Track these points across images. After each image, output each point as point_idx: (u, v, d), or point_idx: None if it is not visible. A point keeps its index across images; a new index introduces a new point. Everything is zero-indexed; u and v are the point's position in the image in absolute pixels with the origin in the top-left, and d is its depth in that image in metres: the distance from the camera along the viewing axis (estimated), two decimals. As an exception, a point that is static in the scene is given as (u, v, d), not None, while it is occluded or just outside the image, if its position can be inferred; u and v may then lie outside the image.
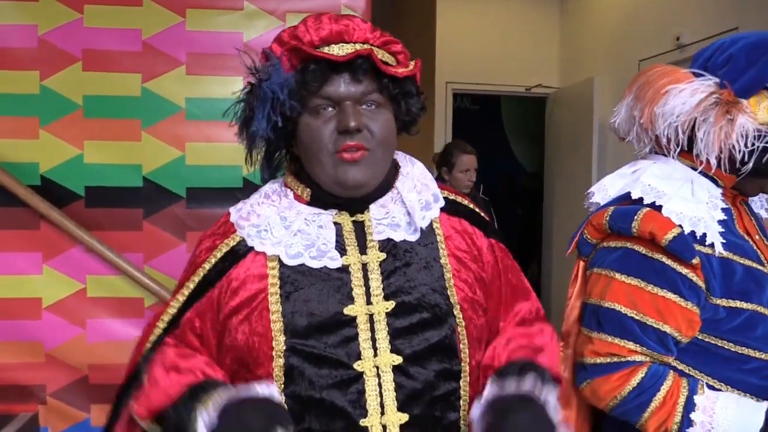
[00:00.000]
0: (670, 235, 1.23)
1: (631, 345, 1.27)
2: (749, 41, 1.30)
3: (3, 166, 2.22)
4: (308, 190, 1.11)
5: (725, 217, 1.30)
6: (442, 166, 3.61)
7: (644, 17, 4.32)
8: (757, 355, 1.27)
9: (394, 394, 1.01)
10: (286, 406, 0.97)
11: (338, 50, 1.03)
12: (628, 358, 1.28)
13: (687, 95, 1.27)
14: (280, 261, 1.06)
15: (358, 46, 1.04)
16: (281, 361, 1.01)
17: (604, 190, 1.42)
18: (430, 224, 1.13)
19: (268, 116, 1.03)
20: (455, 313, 1.07)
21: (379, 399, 1.01)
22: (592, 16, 5.09)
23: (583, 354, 1.34)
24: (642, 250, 1.28)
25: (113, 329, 2.30)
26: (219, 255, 1.10)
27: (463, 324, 1.08)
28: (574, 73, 5.36)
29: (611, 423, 1.38)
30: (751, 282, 1.27)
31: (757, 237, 1.37)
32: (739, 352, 1.27)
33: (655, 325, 1.26)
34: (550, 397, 1.01)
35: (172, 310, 1.13)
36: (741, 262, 1.28)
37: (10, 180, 2.21)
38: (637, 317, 1.27)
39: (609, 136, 4.75)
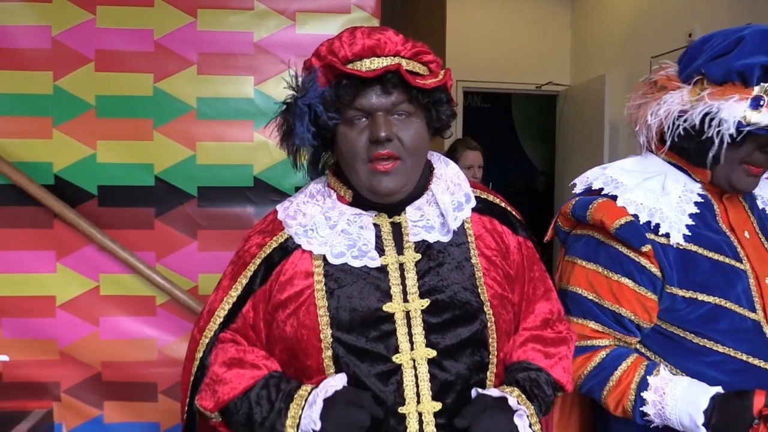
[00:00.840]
0: (617, 223, 1.31)
1: (592, 324, 1.36)
2: (710, 34, 1.37)
3: (17, 165, 2.25)
4: (350, 191, 1.20)
5: (698, 211, 1.35)
6: None
7: (656, 13, 4.29)
8: (719, 348, 1.30)
9: (429, 384, 1.10)
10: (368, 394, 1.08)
11: (369, 64, 1.11)
12: (594, 342, 1.36)
13: (676, 98, 1.34)
14: (324, 259, 1.15)
15: (389, 60, 1.11)
16: (329, 351, 1.10)
17: (586, 181, 1.48)
18: (462, 224, 1.20)
19: (308, 127, 1.11)
20: (485, 310, 1.16)
21: (415, 389, 1.10)
22: (603, 12, 5.06)
23: None
24: (599, 237, 1.37)
25: (126, 327, 2.32)
26: (268, 251, 1.19)
27: (493, 320, 1.16)
28: (585, 70, 5.33)
29: (618, 422, 1.40)
30: (718, 276, 1.31)
31: (746, 234, 1.39)
32: (701, 344, 1.31)
33: (611, 307, 1.34)
34: (529, 406, 1.13)
35: (227, 306, 1.21)
36: (708, 255, 1.32)
37: (24, 179, 2.23)
38: (595, 300, 1.36)
39: (620, 134, 4.72)
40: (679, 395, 1.23)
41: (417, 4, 5.58)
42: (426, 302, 1.13)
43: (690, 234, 1.32)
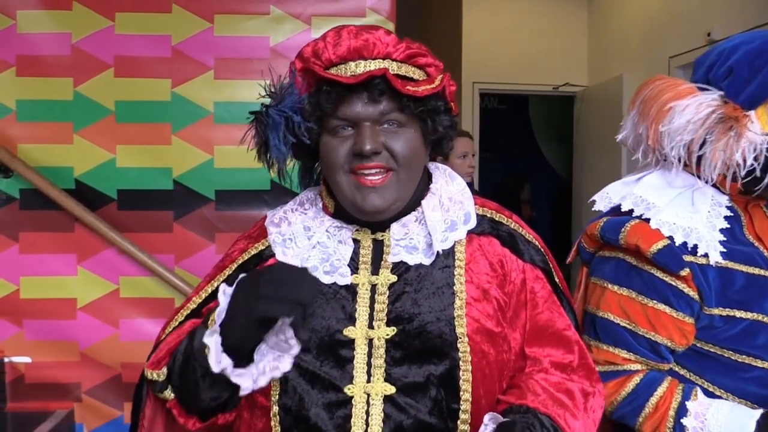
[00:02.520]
0: (654, 248, 1.22)
1: (624, 353, 1.28)
2: (750, 48, 1.24)
3: (39, 170, 2.29)
4: (333, 201, 1.09)
5: (728, 226, 1.27)
6: (436, 156, 3.37)
7: (674, 12, 4.25)
8: (759, 364, 1.24)
9: (381, 425, 0.96)
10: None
11: (354, 68, 0.98)
12: (624, 367, 1.28)
13: (691, 112, 1.23)
14: None
15: (377, 63, 0.99)
16: None
17: (607, 198, 1.40)
18: (453, 247, 1.06)
19: (284, 138, 1.00)
20: (459, 346, 0.99)
21: (364, 427, 0.96)
22: (620, 12, 5.02)
23: None
24: (632, 260, 1.28)
25: (145, 329, 2.35)
26: (246, 257, 1.11)
27: (469, 359, 0.99)
28: (602, 70, 5.29)
29: None
30: (753, 290, 1.25)
31: None
32: (739, 360, 1.24)
33: (646, 335, 1.26)
34: None
35: (193, 305, 1.12)
36: (743, 270, 1.26)
37: (45, 184, 2.27)
38: (629, 327, 1.27)
39: (639, 135, 4.68)
40: (723, 421, 1.18)
41: (432, 7, 5.58)
42: (392, 330, 0.99)
43: (725, 250, 1.25)
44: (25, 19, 2.29)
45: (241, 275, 0.93)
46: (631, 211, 1.30)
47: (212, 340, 0.89)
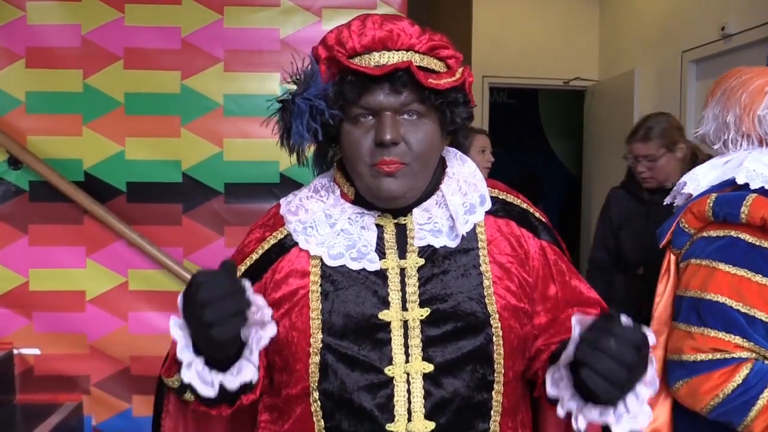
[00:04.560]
0: None
1: (738, 340, 1.19)
2: None
3: (48, 162, 2.29)
4: (353, 188, 1.10)
5: None
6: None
7: (687, 5, 4.20)
8: None
9: (423, 401, 1.00)
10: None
11: (379, 59, 1.01)
12: (735, 354, 1.19)
13: None
14: (322, 259, 1.07)
15: (401, 54, 1.01)
16: (317, 358, 1.02)
17: (696, 180, 1.35)
18: (473, 228, 1.09)
19: (308, 125, 1.01)
20: (492, 322, 1.04)
21: (407, 405, 1.00)
22: (632, 5, 4.97)
23: (682, 350, 1.26)
24: (748, 238, 1.21)
25: (154, 322, 2.35)
26: (266, 247, 1.11)
27: (501, 334, 1.04)
28: (613, 65, 5.24)
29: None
30: None
31: None
32: None
33: (764, 319, 1.18)
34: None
35: None
36: None
37: (55, 176, 2.27)
38: (743, 309, 1.19)
39: (650, 130, 4.64)
40: None
41: (443, 0, 5.55)
42: (426, 311, 1.03)
43: None
44: (35, 11, 2.29)
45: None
46: (746, 185, 1.24)
47: (191, 374, 0.90)
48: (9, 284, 2.33)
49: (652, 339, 0.87)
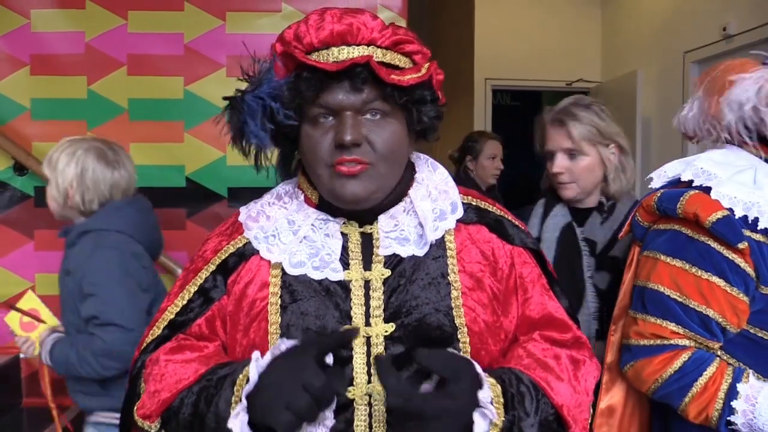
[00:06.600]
0: (713, 217, 1.19)
1: (673, 326, 1.24)
2: None
3: (53, 168, 2.30)
4: (317, 193, 1.04)
5: None
6: (466, 155, 3.35)
7: (689, 6, 4.20)
8: None
9: (385, 428, 0.93)
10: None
11: (337, 54, 0.93)
12: (672, 341, 1.25)
13: (751, 83, 1.25)
14: (282, 268, 1.00)
15: (361, 49, 0.94)
16: None
17: (664, 175, 1.39)
18: (443, 237, 1.03)
19: (263, 125, 0.95)
20: (460, 337, 0.97)
21: (368, 430, 0.93)
22: (634, 7, 4.97)
23: (628, 336, 1.32)
24: (688, 231, 1.25)
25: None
26: (224, 257, 1.04)
27: (468, 350, 0.97)
28: (616, 66, 5.24)
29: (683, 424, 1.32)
30: None
31: None
32: None
33: (697, 308, 1.23)
34: (500, 414, 0.89)
35: (170, 315, 1.05)
36: None
37: (60, 182, 2.28)
38: (679, 299, 1.24)
39: (653, 131, 4.64)
40: None
41: (445, 3, 5.56)
42: (390, 327, 0.96)
43: None
44: (39, 18, 2.31)
45: (276, 355, 0.86)
46: (691, 182, 1.29)
47: (237, 423, 0.84)
48: (15, 289, 2.34)
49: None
